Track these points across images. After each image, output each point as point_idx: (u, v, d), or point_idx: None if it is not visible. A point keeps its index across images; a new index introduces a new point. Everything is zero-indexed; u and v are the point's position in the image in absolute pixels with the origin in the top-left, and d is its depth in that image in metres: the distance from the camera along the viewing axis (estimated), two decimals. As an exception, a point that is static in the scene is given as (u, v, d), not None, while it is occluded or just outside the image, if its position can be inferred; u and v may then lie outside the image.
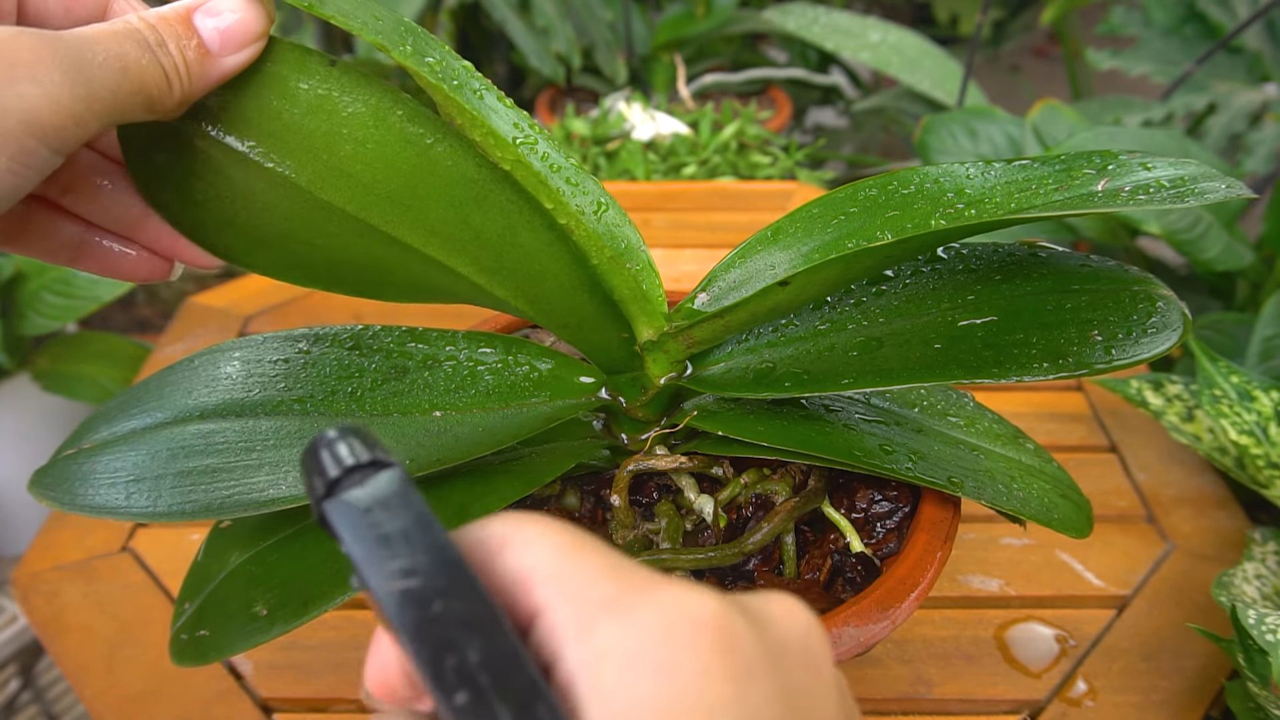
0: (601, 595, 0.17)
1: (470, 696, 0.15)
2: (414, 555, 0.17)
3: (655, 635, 0.16)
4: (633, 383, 0.38)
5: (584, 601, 0.17)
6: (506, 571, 0.18)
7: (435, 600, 0.16)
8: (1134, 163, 0.32)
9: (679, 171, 1.00)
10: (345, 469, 0.18)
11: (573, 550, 0.18)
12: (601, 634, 0.16)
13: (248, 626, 0.32)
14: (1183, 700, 0.45)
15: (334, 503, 0.17)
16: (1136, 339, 0.31)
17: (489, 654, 0.16)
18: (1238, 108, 1.03)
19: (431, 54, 0.32)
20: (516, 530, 0.18)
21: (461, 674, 0.15)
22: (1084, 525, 0.37)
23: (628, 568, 0.18)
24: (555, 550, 0.18)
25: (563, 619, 0.17)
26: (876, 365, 0.33)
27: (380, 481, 0.18)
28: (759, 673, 0.17)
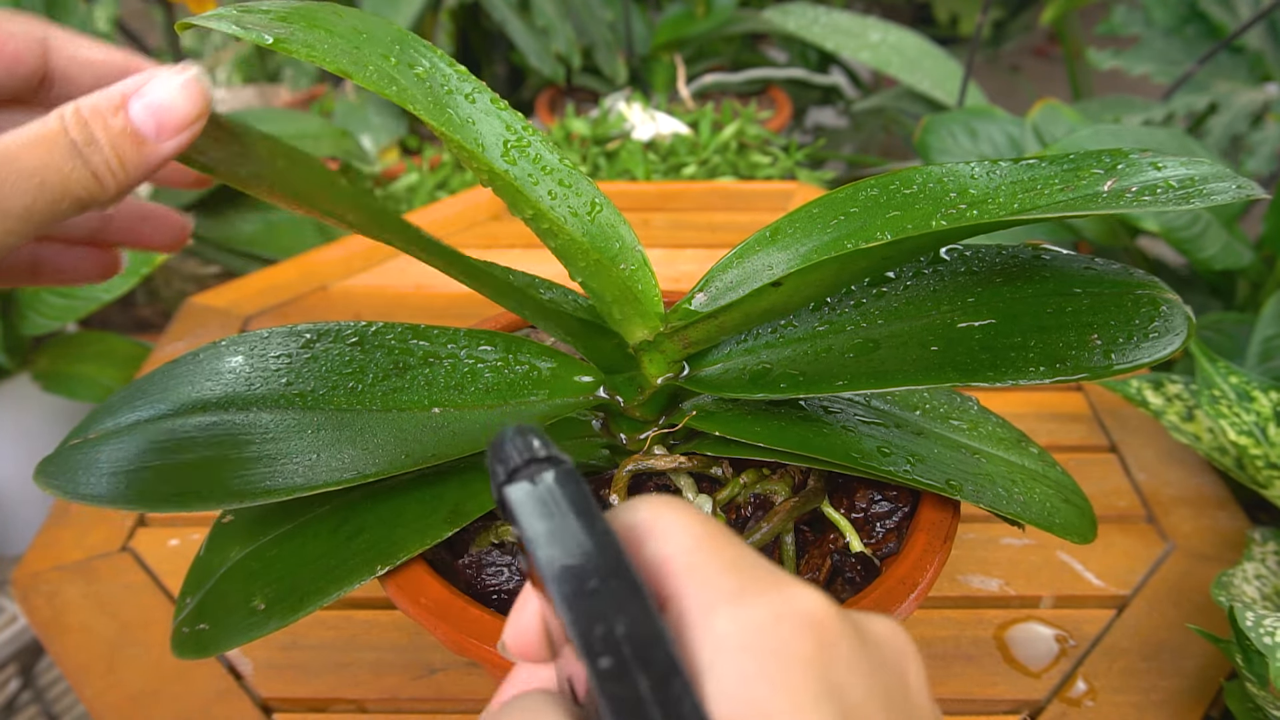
0: (725, 586, 0.19)
1: (613, 662, 0.17)
2: (577, 538, 0.19)
3: (766, 624, 0.18)
4: (630, 383, 0.38)
5: (709, 591, 0.18)
6: (650, 557, 0.20)
7: (592, 578, 0.18)
8: (1144, 162, 0.32)
9: (679, 171, 1.00)
10: (525, 460, 0.20)
11: (707, 542, 0.19)
12: (720, 620, 0.18)
13: (246, 621, 0.32)
14: (1183, 700, 0.45)
15: (513, 488, 0.20)
16: (1137, 343, 0.31)
17: (634, 629, 0.18)
18: (1239, 108, 1.03)
19: (420, 63, 0.32)
20: (659, 518, 0.20)
21: (608, 642, 0.17)
22: (1087, 531, 0.37)
23: (753, 562, 0.19)
24: (692, 542, 0.19)
25: (689, 606, 0.18)
26: (872, 367, 0.33)
27: (553, 474, 0.20)
28: (858, 671, 0.18)
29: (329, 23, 0.30)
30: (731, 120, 1.08)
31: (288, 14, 0.29)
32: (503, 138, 0.33)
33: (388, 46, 0.31)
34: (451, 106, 0.33)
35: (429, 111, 0.31)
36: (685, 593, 0.19)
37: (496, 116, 0.34)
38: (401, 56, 0.31)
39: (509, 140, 0.33)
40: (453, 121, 0.32)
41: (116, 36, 1.60)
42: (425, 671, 0.45)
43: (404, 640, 0.47)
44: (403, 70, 0.31)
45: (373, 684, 0.45)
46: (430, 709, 0.44)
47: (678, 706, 0.17)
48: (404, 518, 0.34)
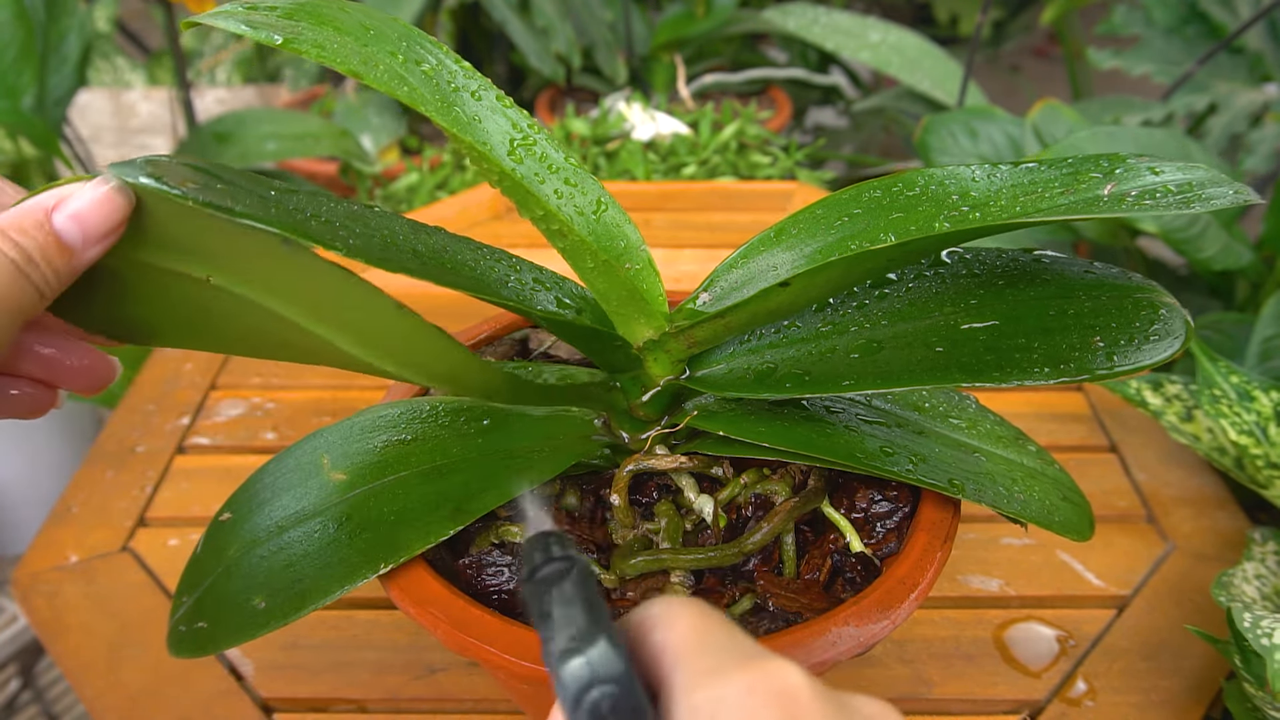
0: (708, 665, 0.20)
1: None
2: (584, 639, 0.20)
3: (736, 697, 0.19)
4: (634, 382, 0.38)
5: (694, 671, 0.20)
6: (653, 645, 0.21)
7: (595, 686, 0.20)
8: (1142, 167, 0.32)
9: (679, 171, 1.00)
10: (544, 560, 0.22)
11: (700, 630, 0.21)
12: (698, 695, 0.19)
13: (246, 620, 0.32)
14: (1183, 700, 0.45)
15: (530, 586, 0.22)
16: (1139, 345, 0.31)
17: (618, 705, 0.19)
18: (1239, 108, 1.03)
19: (427, 60, 0.32)
20: (668, 611, 0.22)
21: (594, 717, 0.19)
22: (1085, 528, 0.37)
23: (743, 645, 0.21)
24: (688, 630, 0.21)
25: (675, 684, 0.20)
26: (878, 367, 0.33)
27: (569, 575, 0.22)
28: None
29: (336, 20, 0.30)
30: (731, 120, 1.08)
31: (294, 10, 0.29)
32: (509, 136, 0.33)
33: (395, 44, 0.31)
34: (458, 104, 0.32)
35: (439, 111, 0.31)
36: (673, 672, 0.20)
37: (502, 114, 0.34)
38: (408, 54, 0.31)
39: (515, 139, 0.33)
40: (460, 120, 0.32)
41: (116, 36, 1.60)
42: (425, 671, 0.45)
43: (404, 640, 0.47)
44: (410, 68, 0.31)
45: (373, 684, 0.45)
46: (430, 709, 0.44)
47: None
48: (406, 516, 0.34)
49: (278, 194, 0.32)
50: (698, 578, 0.36)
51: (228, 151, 1.01)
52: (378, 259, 0.31)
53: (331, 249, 0.29)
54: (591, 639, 0.20)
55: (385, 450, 0.37)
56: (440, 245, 0.36)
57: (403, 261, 0.32)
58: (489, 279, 0.36)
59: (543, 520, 0.25)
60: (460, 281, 0.34)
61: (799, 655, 0.31)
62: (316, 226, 0.31)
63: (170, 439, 0.60)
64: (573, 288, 0.39)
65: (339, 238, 0.31)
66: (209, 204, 0.28)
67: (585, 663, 0.20)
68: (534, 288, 0.38)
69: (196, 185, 0.29)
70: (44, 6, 0.92)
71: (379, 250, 0.31)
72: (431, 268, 0.34)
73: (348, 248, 0.30)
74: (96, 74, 1.53)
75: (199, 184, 0.29)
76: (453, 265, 0.35)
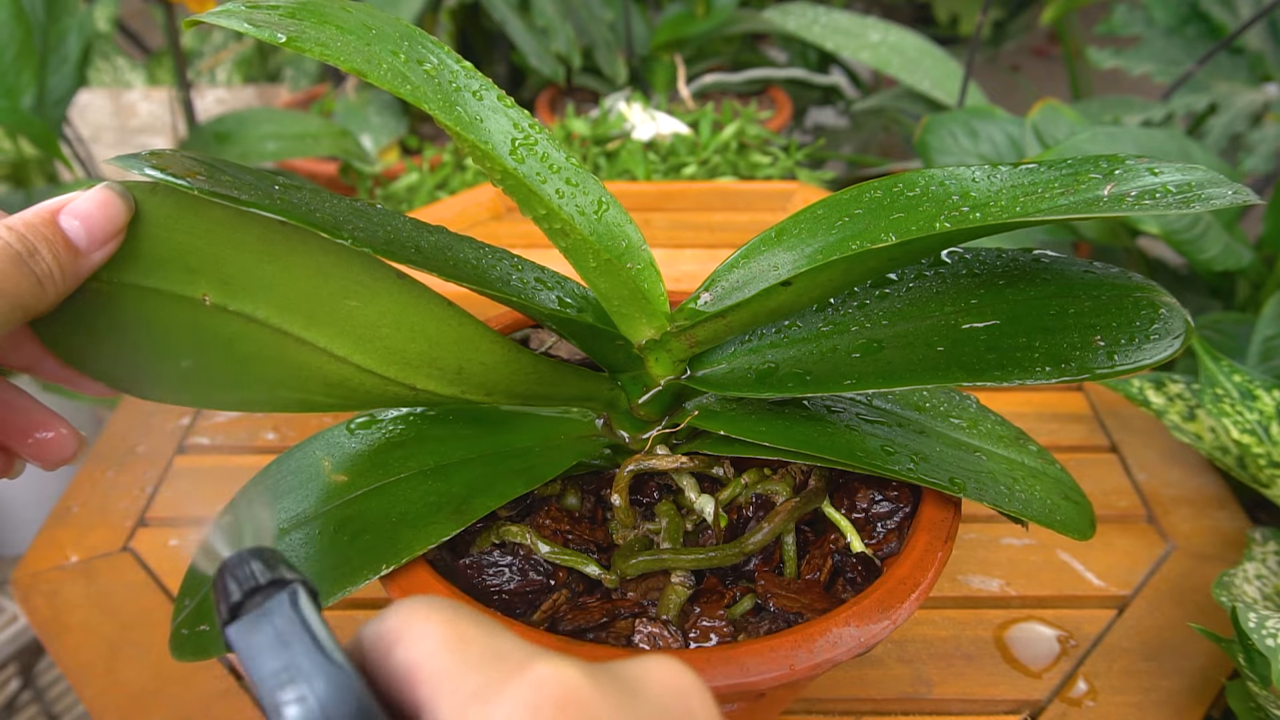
0: (473, 687, 0.18)
1: None
2: (307, 675, 0.18)
3: (522, 715, 0.17)
4: (635, 382, 0.38)
5: (457, 696, 0.18)
6: (398, 666, 0.19)
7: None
8: (1141, 167, 0.32)
9: (679, 171, 1.00)
10: (245, 592, 0.19)
11: (453, 642, 0.18)
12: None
13: None
14: (1183, 700, 0.45)
15: (235, 627, 0.18)
16: (1139, 345, 0.31)
17: None
18: (1239, 108, 1.03)
19: (428, 59, 0.32)
20: (409, 624, 0.19)
21: None
22: (1086, 527, 0.37)
23: (504, 651, 0.18)
24: (438, 645, 0.18)
25: (440, 714, 0.18)
26: (879, 367, 0.33)
27: (277, 602, 0.18)
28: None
29: (338, 19, 0.30)
30: (731, 120, 1.08)
31: (296, 9, 0.29)
32: (511, 136, 0.33)
33: (396, 43, 0.31)
34: (460, 104, 0.32)
35: (442, 110, 0.31)
36: (435, 700, 0.18)
37: (504, 114, 0.34)
38: (410, 53, 0.31)
39: (517, 139, 0.33)
40: (463, 119, 0.32)
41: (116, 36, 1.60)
42: (426, 671, 0.45)
43: (405, 640, 0.47)
44: (412, 67, 0.31)
45: (374, 684, 0.45)
46: (431, 709, 0.44)
47: None
48: (407, 517, 0.34)
49: (281, 189, 0.32)
50: (698, 578, 0.36)
51: (228, 151, 1.02)
52: (383, 250, 0.31)
53: (337, 237, 0.30)
54: (321, 677, 0.17)
55: (386, 451, 0.37)
56: (442, 243, 0.36)
57: (406, 255, 0.32)
58: (491, 276, 0.36)
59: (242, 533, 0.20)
60: (462, 276, 0.34)
61: (800, 656, 0.31)
62: (321, 217, 0.31)
63: (170, 439, 0.60)
64: (574, 287, 0.39)
65: (344, 228, 0.31)
66: (215, 193, 0.28)
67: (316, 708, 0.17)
68: (535, 286, 0.38)
69: (202, 176, 0.29)
70: (44, 6, 0.92)
71: (382, 245, 0.31)
72: (434, 262, 0.33)
73: (354, 238, 0.30)
74: (96, 74, 1.53)
75: (204, 175, 0.29)
76: (455, 262, 0.35)
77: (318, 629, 0.18)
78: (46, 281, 0.27)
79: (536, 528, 0.37)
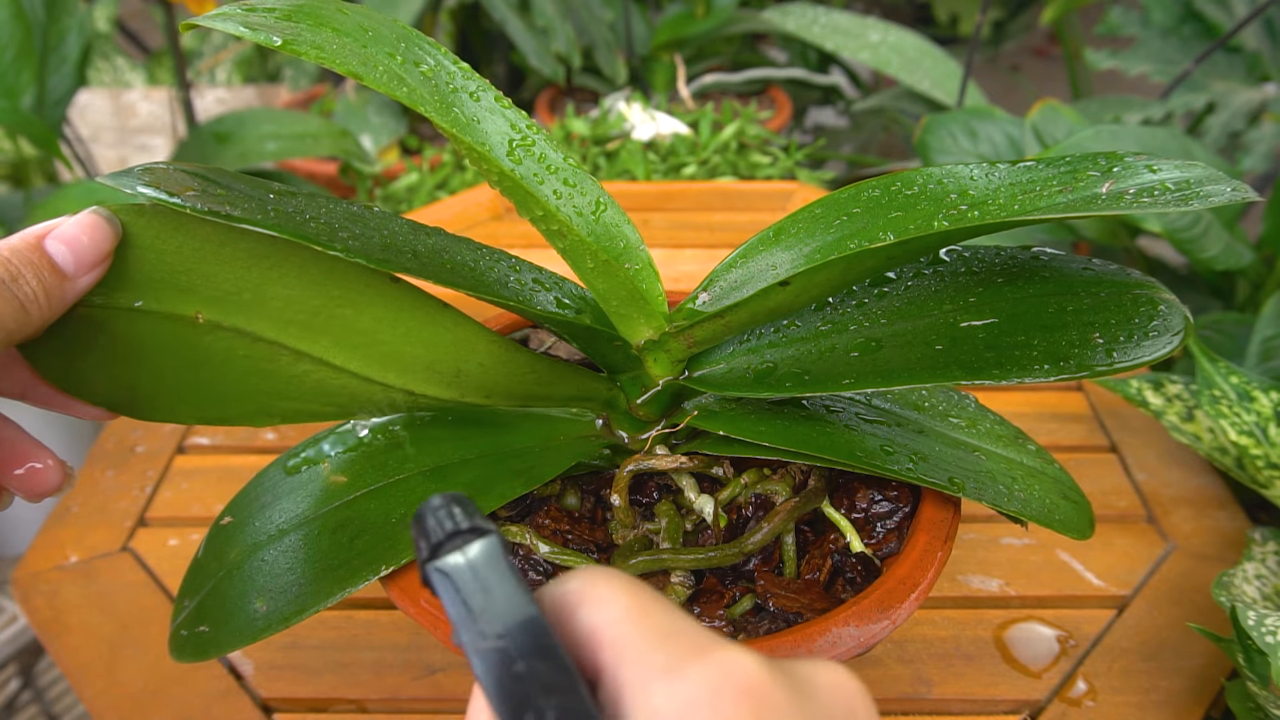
0: (658, 661, 0.18)
1: None
2: (503, 618, 0.18)
3: (701, 698, 0.18)
4: (634, 382, 0.38)
5: (642, 666, 0.18)
6: (581, 628, 0.19)
7: (518, 660, 0.18)
8: (1140, 165, 0.32)
9: (679, 171, 1.00)
10: (447, 534, 0.20)
11: (636, 612, 0.19)
12: (655, 696, 0.18)
13: (247, 623, 0.32)
14: (1183, 700, 0.45)
15: (436, 565, 0.19)
16: (1138, 342, 0.31)
17: (563, 713, 0.17)
18: (1236, 107, 1.03)
19: (425, 61, 0.32)
20: (592, 589, 0.20)
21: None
22: (1085, 527, 0.37)
23: (687, 631, 0.19)
24: (623, 613, 0.19)
25: (623, 680, 0.18)
26: (877, 366, 0.33)
27: (477, 548, 0.20)
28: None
29: (335, 21, 0.30)
30: (731, 120, 1.08)
31: (292, 11, 0.29)
32: (508, 137, 0.33)
33: (393, 45, 0.31)
34: (457, 105, 0.32)
35: (438, 112, 0.31)
36: (617, 667, 0.19)
37: (501, 115, 0.34)
38: (407, 55, 0.31)
39: (514, 139, 0.33)
40: (459, 121, 0.32)
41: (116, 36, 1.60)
42: (425, 671, 0.45)
43: (404, 640, 0.47)
44: (409, 69, 0.31)
45: (373, 684, 0.45)
46: (430, 709, 0.44)
47: None
48: (406, 518, 0.34)
49: (277, 197, 0.32)
50: (698, 578, 0.36)
51: (228, 151, 1.01)
52: (377, 260, 0.31)
53: (330, 249, 0.30)
54: (524, 630, 0.18)
55: (386, 452, 0.37)
56: (439, 246, 0.36)
57: (402, 262, 0.32)
58: (489, 279, 0.36)
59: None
60: (459, 281, 0.34)
61: (800, 656, 0.31)
62: (315, 228, 0.31)
63: (170, 439, 0.60)
64: (572, 288, 0.39)
65: (337, 238, 0.31)
66: (207, 211, 0.28)
67: (509, 649, 0.18)
68: (534, 288, 0.38)
69: (195, 192, 0.29)
70: (43, 6, 0.92)
71: (378, 251, 0.31)
72: (431, 268, 0.34)
73: (346, 248, 0.30)
74: (96, 74, 1.53)
75: (197, 190, 0.29)
76: (452, 265, 0.35)
77: (512, 575, 0.19)
78: (30, 306, 0.27)
79: (536, 528, 0.37)
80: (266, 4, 0.30)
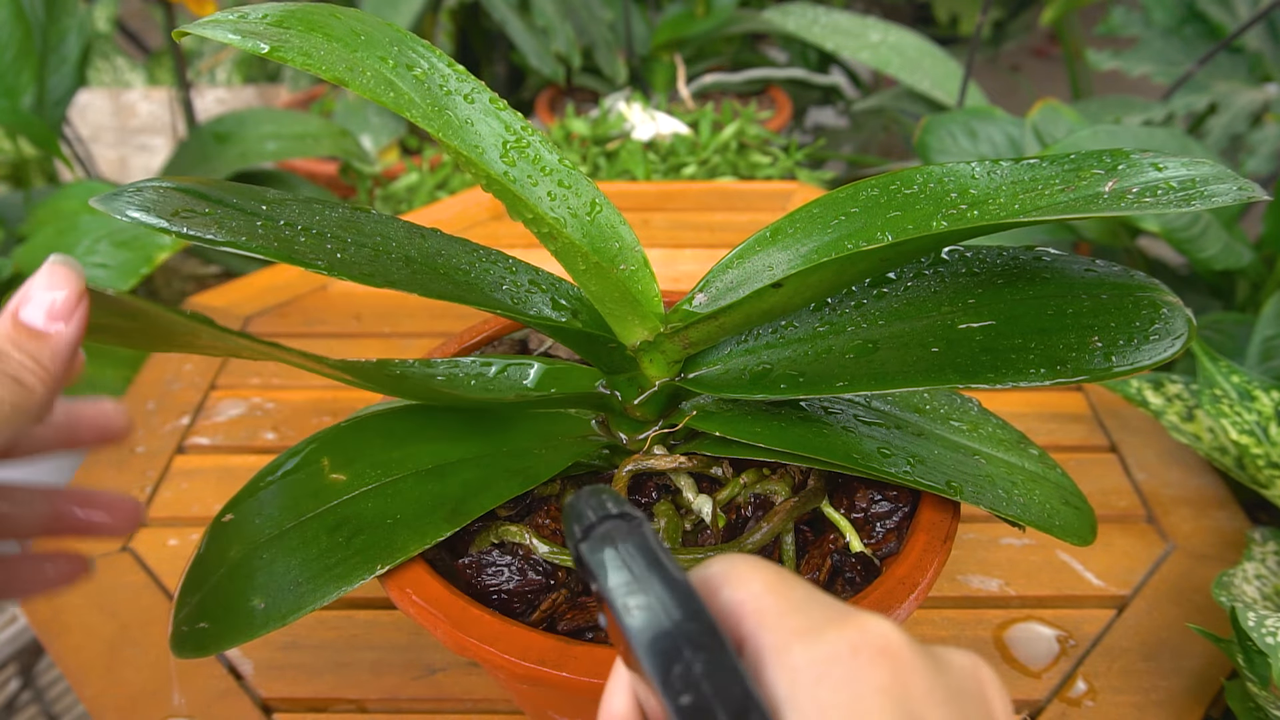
0: (797, 625, 0.20)
1: (693, 699, 0.18)
2: (654, 589, 0.20)
3: (840, 656, 0.19)
4: (630, 383, 0.38)
5: (782, 630, 0.20)
6: (724, 604, 0.21)
7: (668, 621, 0.19)
8: (1145, 162, 0.32)
9: (679, 171, 1.00)
10: (600, 517, 0.22)
11: (778, 587, 0.20)
12: (795, 656, 0.19)
13: (246, 620, 0.32)
14: (1183, 700, 0.45)
15: (589, 544, 0.21)
16: (1138, 345, 0.31)
17: (711, 668, 0.18)
18: (1239, 108, 1.03)
19: (419, 64, 0.32)
20: (734, 570, 0.21)
21: (687, 680, 0.18)
22: (1086, 533, 0.37)
23: (824, 602, 0.20)
24: (763, 588, 0.20)
25: (764, 644, 0.19)
26: (872, 368, 0.33)
27: (626, 529, 0.21)
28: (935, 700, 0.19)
29: (326, 26, 0.30)
30: (731, 120, 1.08)
31: (284, 17, 0.29)
32: (501, 138, 0.33)
33: (386, 49, 0.31)
34: (450, 108, 0.32)
35: (426, 116, 0.31)
36: (759, 633, 0.20)
37: (495, 117, 0.34)
38: (399, 58, 0.31)
39: (508, 141, 0.33)
40: (451, 124, 0.32)
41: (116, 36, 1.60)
42: (425, 671, 0.45)
43: (404, 640, 0.47)
44: (401, 73, 0.31)
45: (373, 684, 0.45)
46: (430, 709, 0.44)
47: None
48: (404, 518, 0.34)
49: (269, 206, 0.32)
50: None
51: (228, 152, 1.01)
52: (363, 274, 0.31)
53: (313, 268, 0.30)
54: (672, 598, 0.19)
55: (384, 451, 0.37)
56: (434, 249, 0.36)
57: (389, 274, 0.32)
58: (483, 283, 0.36)
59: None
60: (450, 291, 0.34)
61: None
62: (305, 242, 0.31)
63: (170, 439, 0.60)
64: (569, 289, 0.39)
65: (324, 252, 0.31)
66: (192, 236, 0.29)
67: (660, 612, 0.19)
68: (529, 289, 0.38)
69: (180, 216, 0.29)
70: (43, 6, 0.92)
71: (366, 264, 0.31)
72: (421, 276, 0.34)
73: (330, 263, 0.30)
74: (96, 74, 1.53)
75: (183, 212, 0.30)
76: (446, 270, 0.35)
77: (660, 553, 0.21)
78: (26, 376, 0.27)
79: (535, 527, 0.37)
80: (260, 10, 0.30)
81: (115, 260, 0.80)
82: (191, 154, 1.02)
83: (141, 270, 0.79)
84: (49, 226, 0.85)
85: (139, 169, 1.43)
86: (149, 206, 0.29)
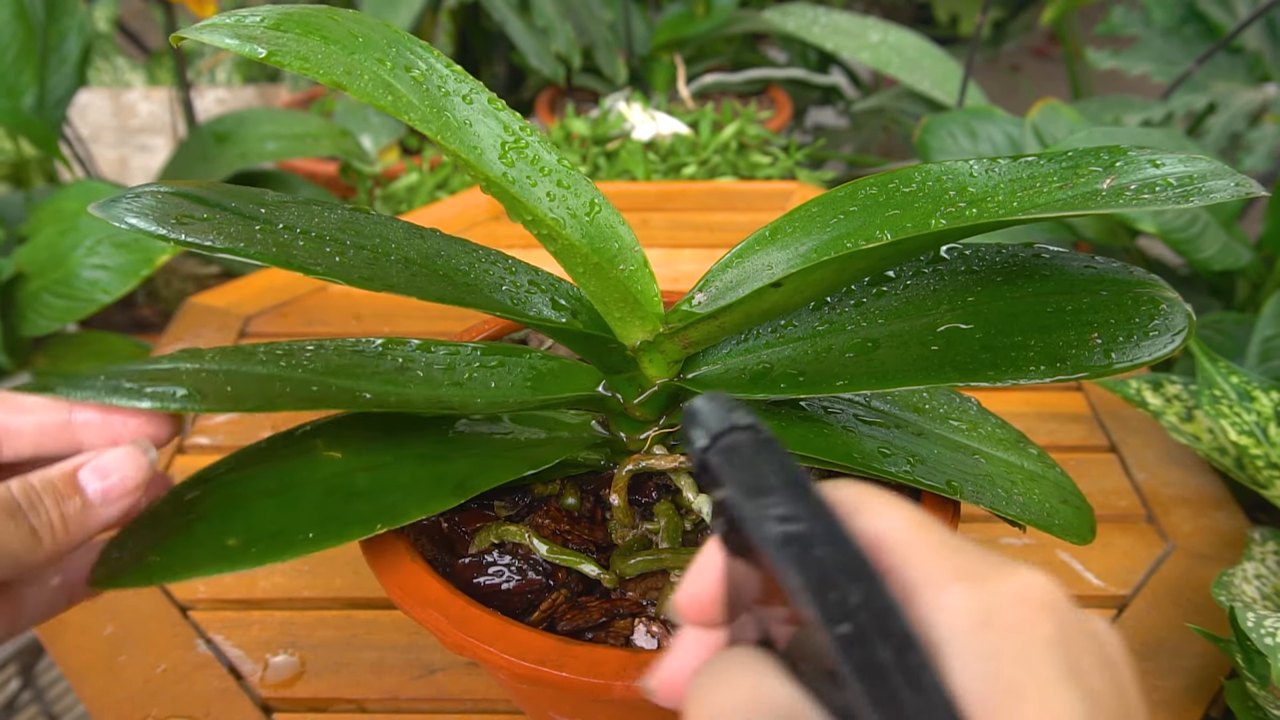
0: (951, 566, 0.19)
1: (853, 629, 0.17)
2: (793, 504, 0.19)
3: (1005, 604, 0.18)
4: (630, 383, 0.38)
5: (935, 570, 0.19)
6: (860, 533, 0.19)
7: (816, 545, 0.18)
8: (1142, 159, 0.32)
9: (679, 171, 1.00)
10: (726, 427, 0.20)
11: (921, 525, 0.20)
12: (954, 598, 0.18)
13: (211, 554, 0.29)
14: (1182, 700, 0.45)
15: (716, 452, 0.20)
16: (1137, 342, 0.31)
17: (868, 598, 0.17)
18: (1237, 107, 1.03)
19: (417, 65, 0.32)
20: (866, 498, 0.20)
21: (844, 609, 0.17)
22: (1086, 532, 0.37)
23: (972, 547, 0.20)
24: (906, 522, 0.19)
25: (913, 580, 0.19)
26: (872, 367, 0.33)
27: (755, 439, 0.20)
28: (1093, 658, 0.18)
29: (324, 28, 0.30)
30: (731, 120, 1.08)
31: (281, 20, 0.29)
32: (500, 139, 0.33)
33: (383, 50, 0.31)
34: (449, 109, 0.32)
35: (425, 118, 0.31)
36: (908, 569, 0.19)
37: (494, 117, 0.34)
38: (397, 60, 0.31)
39: (506, 142, 0.33)
40: (449, 126, 0.32)
41: (116, 36, 1.60)
42: (425, 671, 0.45)
43: (404, 640, 0.47)
44: (399, 75, 0.31)
45: (373, 684, 0.45)
46: (430, 709, 0.44)
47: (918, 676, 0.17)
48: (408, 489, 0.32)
49: (268, 210, 0.32)
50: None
51: (228, 152, 1.02)
52: (362, 277, 0.31)
53: (311, 273, 0.30)
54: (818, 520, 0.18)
55: (382, 440, 0.36)
56: (434, 250, 0.36)
57: (387, 277, 0.32)
58: (482, 284, 0.36)
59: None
60: (449, 293, 0.33)
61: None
62: (303, 246, 0.31)
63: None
64: (569, 289, 0.39)
65: (323, 256, 0.31)
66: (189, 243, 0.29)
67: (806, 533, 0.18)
68: (529, 290, 0.38)
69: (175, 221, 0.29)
70: (44, 6, 0.92)
71: (364, 267, 0.31)
72: (420, 279, 0.33)
73: (328, 268, 0.30)
74: (96, 74, 1.53)
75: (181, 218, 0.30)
76: (445, 272, 0.35)
77: (794, 467, 0.19)
78: (45, 533, 0.27)
79: (535, 527, 0.37)
80: (258, 13, 0.29)
81: (116, 262, 0.80)
82: (191, 154, 1.03)
83: (142, 272, 0.79)
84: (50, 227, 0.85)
85: (139, 169, 1.43)
86: (147, 213, 0.29)
